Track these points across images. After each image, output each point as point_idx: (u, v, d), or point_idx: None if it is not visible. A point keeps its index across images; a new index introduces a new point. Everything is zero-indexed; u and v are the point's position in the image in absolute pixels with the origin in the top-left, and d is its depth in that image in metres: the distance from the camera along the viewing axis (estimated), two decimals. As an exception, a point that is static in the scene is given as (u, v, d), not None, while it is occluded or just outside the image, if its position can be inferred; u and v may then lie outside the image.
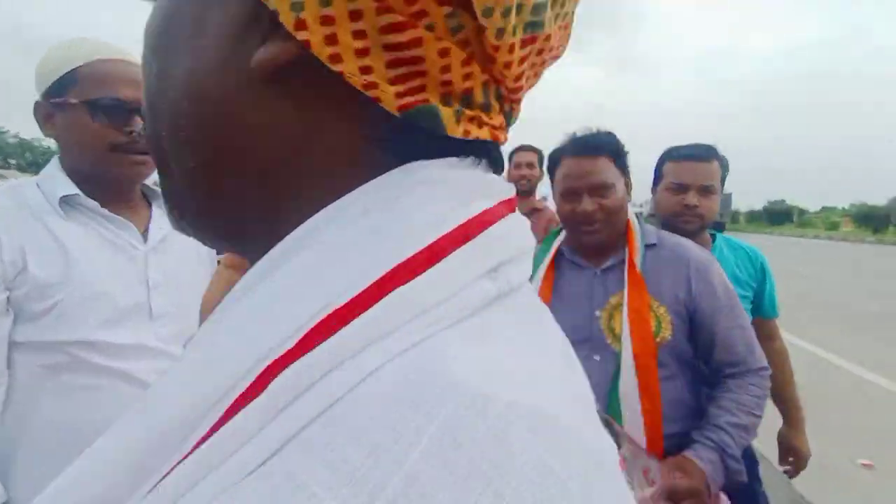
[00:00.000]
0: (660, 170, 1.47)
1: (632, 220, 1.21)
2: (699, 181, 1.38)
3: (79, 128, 0.91)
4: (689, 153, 1.42)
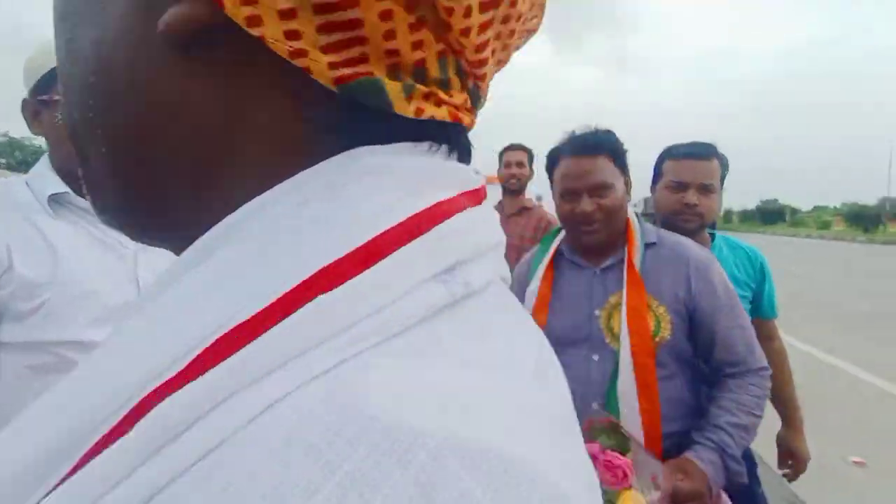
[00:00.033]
0: (659, 168, 1.46)
1: (631, 219, 1.20)
2: (699, 180, 1.36)
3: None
4: (688, 151, 1.40)
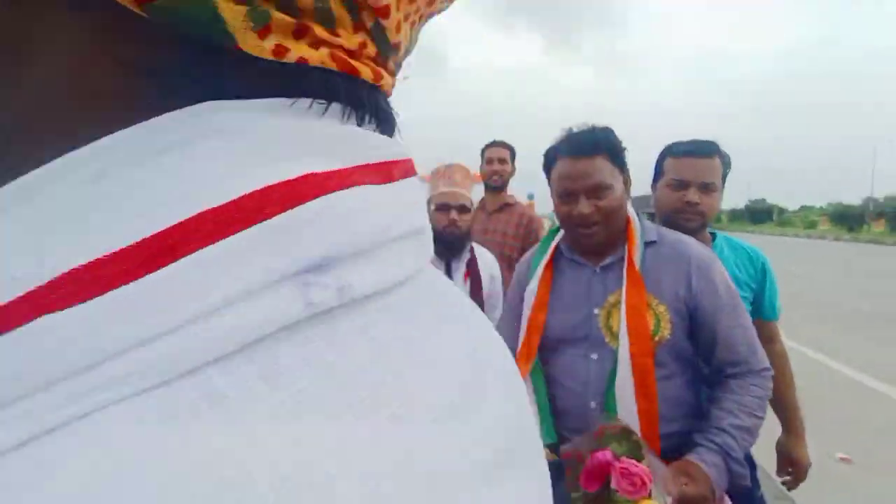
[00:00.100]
0: (660, 166, 1.43)
1: (632, 217, 1.18)
2: (700, 178, 1.34)
3: None
4: (689, 149, 1.38)
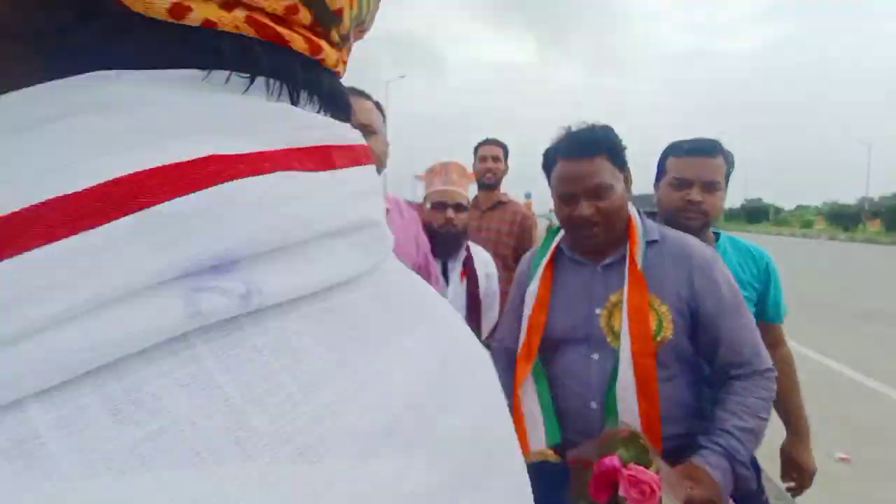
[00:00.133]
0: (662, 165, 1.41)
1: (633, 216, 1.17)
2: (703, 177, 1.32)
3: None
4: (692, 148, 1.36)
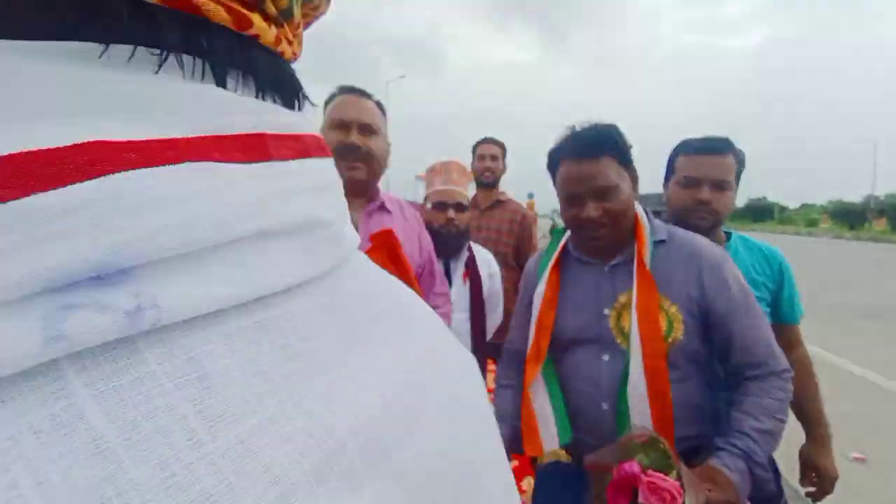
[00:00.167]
0: (672, 164, 1.39)
1: (640, 216, 1.15)
2: (712, 175, 1.30)
3: None
4: (701, 146, 1.33)
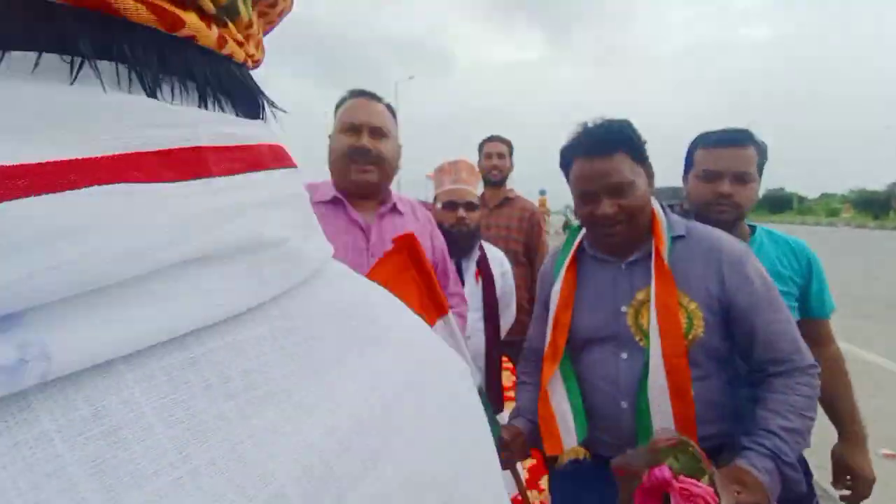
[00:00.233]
0: (691, 157, 1.36)
1: (657, 211, 1.13)
2: (733, 168, 1.26)
3: None
4: (721, 138, 1.30)
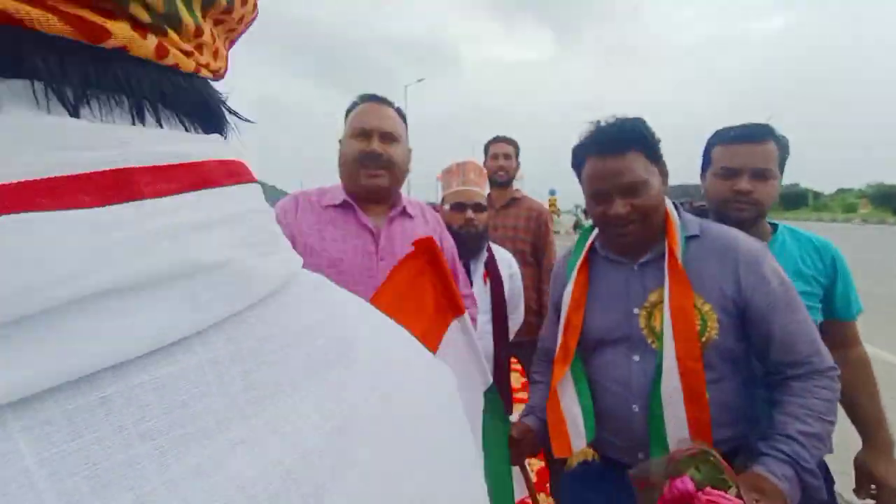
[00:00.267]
0: (708, 154, 1.32)
1: (670, 210, 1.11)
2: (752, 164, 1.22)
3: None
4: (739, 135, 1.26)
